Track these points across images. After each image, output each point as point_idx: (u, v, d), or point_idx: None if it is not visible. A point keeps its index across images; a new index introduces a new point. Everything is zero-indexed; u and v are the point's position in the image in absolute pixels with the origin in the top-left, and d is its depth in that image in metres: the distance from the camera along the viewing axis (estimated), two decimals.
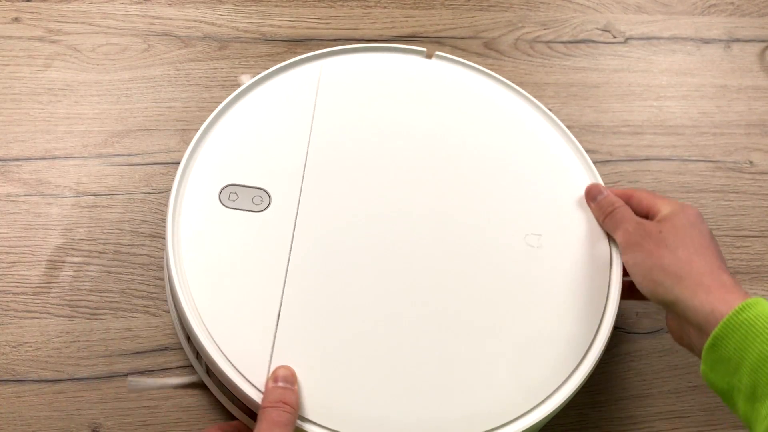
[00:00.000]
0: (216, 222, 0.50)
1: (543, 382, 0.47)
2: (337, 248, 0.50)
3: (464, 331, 0.48)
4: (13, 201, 0.58)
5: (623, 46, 0.75)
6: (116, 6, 0.69)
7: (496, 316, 0.49)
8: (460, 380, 0.47)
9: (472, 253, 0.51)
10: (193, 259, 0.48)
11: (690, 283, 0.44)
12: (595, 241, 0.53)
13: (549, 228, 0.53)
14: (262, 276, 0.48)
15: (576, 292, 0.51)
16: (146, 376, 0.52)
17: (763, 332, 0.39)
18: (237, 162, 0.52)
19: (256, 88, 0.56)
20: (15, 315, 0.53)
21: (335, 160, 0.54)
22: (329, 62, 0.58)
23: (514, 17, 0.74)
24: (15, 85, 0.63)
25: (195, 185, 0.51)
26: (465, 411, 0.46)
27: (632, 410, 0.55)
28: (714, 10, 0.79)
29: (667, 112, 0.71)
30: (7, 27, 0.66)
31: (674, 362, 0.57)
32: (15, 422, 0.49)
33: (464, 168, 0.55)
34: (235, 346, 0.45)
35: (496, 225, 0.53)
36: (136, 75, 0.65)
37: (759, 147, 0.70)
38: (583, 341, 0.49)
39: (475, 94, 0.59)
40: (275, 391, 0.43)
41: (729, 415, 0.56)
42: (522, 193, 0.54)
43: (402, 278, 0.49)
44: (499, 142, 0.57)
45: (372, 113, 0.56)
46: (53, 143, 0.61)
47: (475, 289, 0.50)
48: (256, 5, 0.71)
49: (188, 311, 0.46)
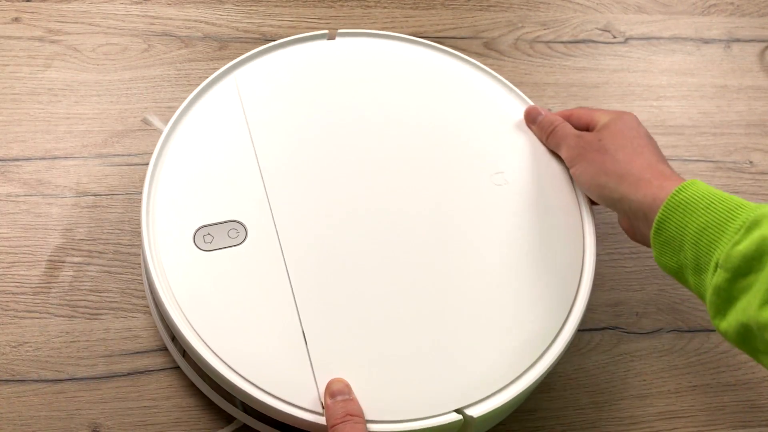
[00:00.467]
0: (202, 269, 0.47)
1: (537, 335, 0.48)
2: (329, 246, 0.49)
3: (461, 292, 0.49)
4: (13, 201, 0.58)
5: (623, 46, 0.75)
6: (116, 6, 0.69)
7: (486, 286, 0.50)
8: (466, 338, 0.48)
9: (449, 212, 0.52)
10: (195, 313, 0.46)
11: (632, 179, 0.47)
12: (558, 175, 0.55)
13: (513, 167, 0.55)
14: (271, 301, 0.47)
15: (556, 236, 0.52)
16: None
17: (698, 208, 0.42)
18: (196, 203, 0.50)
19: (183, 120, 0.54)
20: (15, 315, 0.53)
21: (290, 164, 0.53)
22: (241, 72, 0.57)
23: (514, 17, 0.74)
24: (15, 85, 0.63)
25: (166, 238, 0.48)
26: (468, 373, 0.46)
27: (632, 410, 0.55)
28: (714, 10, 0.79)
29: (667, 112, 0.71)
30: (7, 27, 0.66)
31: (674, 362, 0.57)
32: (15, 422, 0.49)
33: (414, 133, 0.56)
34: (278, 380, 0.44)
35: (463, 173, 0.54)
36: (136, 75, 0.65)
37: (759, 147, 0.70)
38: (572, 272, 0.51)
39: (392, 61, 0.60)
40: (337, 406, 0.42)
41: (729, 415, 0.56)
42: (480, 140, 0.56)
43: (394, 253, 0.50)
44: (434, 98, 0.58)
45: (302, 107, 0.56)
46: (53, 143, 0.61)
47: (460, 251, 0.51)
48: (256, 5, 0.71)
49: (220, 368, 0.44)
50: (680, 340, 0.58)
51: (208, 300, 0.47)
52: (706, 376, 0.57)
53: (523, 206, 0.53)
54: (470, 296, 0.49)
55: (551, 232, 0.52)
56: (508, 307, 0.49)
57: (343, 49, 0.60)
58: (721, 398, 0.56)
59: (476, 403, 0.45)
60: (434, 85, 0.59)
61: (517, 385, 0.46)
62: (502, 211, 0.53)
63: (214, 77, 0.56)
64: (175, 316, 0.46)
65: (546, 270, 0.51)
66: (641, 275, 0.61)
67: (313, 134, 0.55)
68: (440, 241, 0.51)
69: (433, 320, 0.48)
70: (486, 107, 0.58)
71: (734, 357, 0.58)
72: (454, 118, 0.57)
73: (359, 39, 0.61)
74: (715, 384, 0.57)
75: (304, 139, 0.54)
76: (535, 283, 0.50)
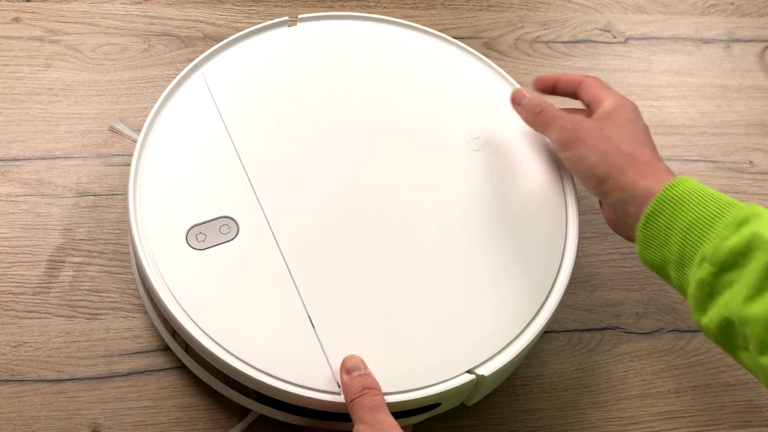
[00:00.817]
0: (199, 268, 0.48)
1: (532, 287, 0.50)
2: (321, 229, 0.50)
3: (453, 256, 0.51)
4: (13, 201, 0.58)
5: (623, 46, 0.75)
6: (116, 6, 0.69)
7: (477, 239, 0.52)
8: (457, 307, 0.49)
9: (432, 181, 0.54)
10: (199, 312, 0.46)
11: (633, 173, 0.46)
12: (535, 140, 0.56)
13: (488, 131, 0.56)
14: (273, 290, 0.47)
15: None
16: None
17: (689, 203, 0.42)
18: (183, 204, 0.50)
19: (157, 122, 0.53)
20: (15, 315, 0.53)
21: (269, 152, 0.53)
22: (208, 68, 0.57)
23: (514, 17, 0.74)
24: (15, 85, 0.63)
25: (159, 241, 0.48)
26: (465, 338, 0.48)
27: (632, 410, 0.55)
28: (714, 10, 0.79)
29: (667, 112, 0.71)
30: (7, 27, 0.66)
31: (674, 362, 0.57)
32: (15, 422, 0.49)
33: (388, 109, 0.56)
34: (292, 366, 0.45)
35: (441, 142, 0.56)
36: (136, 75, 0.65)
37: (759, 147, 0.70)
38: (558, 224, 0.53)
39: (357, 41, 0.60)
40: (354, 381, 0.44)
41: (729, 415, 0.56)
42: (453, 106, 0.57)
43: (385, 227, 0.51)
44: (403, 73, 0.59)
45: (273, 95, 0.56)
46: (53, 143, 0.61)
47: (447, 210, 0.52)
48: (256, 5, 0.71)
49: (234, 363, 0.44)
50: (680, 340, 0.58)
51: (209, 297, 0.47)
52: (706, 376, 0.57)
53: (506, 168, 0.55)
54: (465, 260, 0.50)
55: (535, 190, 0.54)
56: (502, 266, 0.50)
57: (306, 34, 0.60)
58: (721, 398, 0.56)
59: (486, 361, 0.47)
60: (402, 61, 0.60)
61: (522, 339, 0.48)
62: (485, 173, 0.54)
63: (181, 77, 0.56)
64: (180, 317, 0.46)
65: (534, 225, 0.53)
66: (641, 275, 0.61)
67: (288, 121, 0.55)
68: (428, 210, 0.52)
69: (431, 288, 0.49)
70: (455, 77, 0.59)
71: None
72: (426, 91, 0.58)
73: (322, 22, 0.61)
74: (715, 384, 0.57)
75: (280, 127, 0.54)
76: (526, 239, 0.52)
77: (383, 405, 0.43)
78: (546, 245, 0.52)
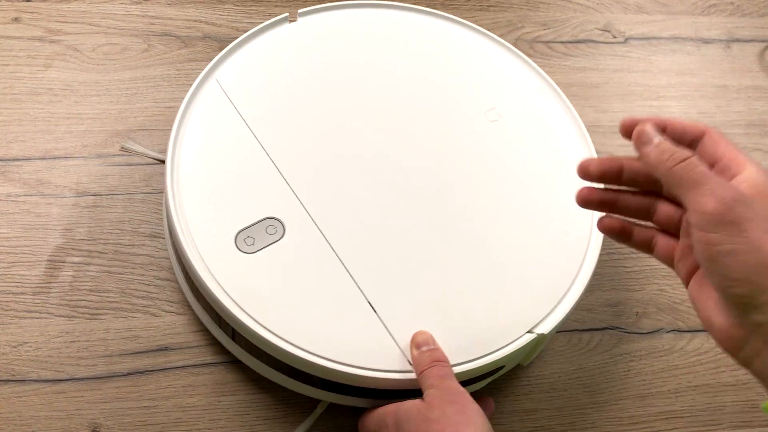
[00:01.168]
0: (253, 271, 0.48)
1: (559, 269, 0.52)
2: (362, 213, 0.51)
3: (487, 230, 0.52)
4: (13, 201, 0.58)
5: (623, 46, 0.75)
6: (116, 6, 0.69)
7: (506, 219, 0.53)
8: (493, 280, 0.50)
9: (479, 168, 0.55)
10: (263, 313, 0.47)
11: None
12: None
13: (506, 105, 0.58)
14: (329, 282, 0.48)
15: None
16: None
17: None
18: (225, 210, 0.50)
19: (182, 134, 0.54)
20: (15, 315, 0.53)
21: (297, 147, 0.54)
22: (221, 73, 0.57)
23: (514, 17, 0.74)
24: (15, 85, 0.63)
25: (210, 251, 0.49)
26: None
27: (632, 410, 0.55)
28: (714, 10, 0.79)
29: (667, 112, 0.71)
30: (7, 27, 0.66)
31: (674, 362, 0.57)
32: (15, 422, 0.49)
33: (406, 87, 0.58)
34: (362, 352, 0.46)
35: (464, 113, 0.58)
36: (136, 75, 0.65)
37: (759, 147, 0.70)
38: None
39: (357, 27, 0.61)
40: (424, 356, 0.45)
41: (729, 415, 0.56)
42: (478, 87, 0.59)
43: (428, 201, 0.53)
44: (411, 51, 0.60)
45: (289, 90, 0.57)
46: (53, 143, 0.61)
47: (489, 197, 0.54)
48: (256, 5, 0.71)
49: (309, 357, 0.45)
50: (680, 340, 0.58)
51: (270, 298, 0.48)
52: (706, 376, 0.57)
53: (537, 140, 0.57)
54: (509, 227, 0.52)
55: (561, 152, 0.57)
56: (544, 229, 0.53)
57: (308, 28, 0.61)
58: (721, 398, 0.56)
59: (543, 320, 0.49)
60: (405, 41, 0.61)
61: (571, 293, 0.50)
62: (516, 145, 0.56)
63: (196, 85, 0.56)
64: (247, 321, 0.46)
65: (568, 188, 0.53)
66: (641, 275, 0.61)
67: (308, 113, 0.56)
68: (466, 180, 0.54)
69: (481, 258, 0.51)
70: (466, 53, 0.61)
71: None
72: (441, 69, 0.60)
73: (321, 14, 0.62)
74: (715, 384, 0.57)
75: (301, 120, 0.55)
76: (561, 201, 0.54)
77: (452, 375, 0.45)
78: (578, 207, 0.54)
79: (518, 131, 0.57)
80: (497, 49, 0.62)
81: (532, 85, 0.60)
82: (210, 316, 0.51)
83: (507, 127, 0.57)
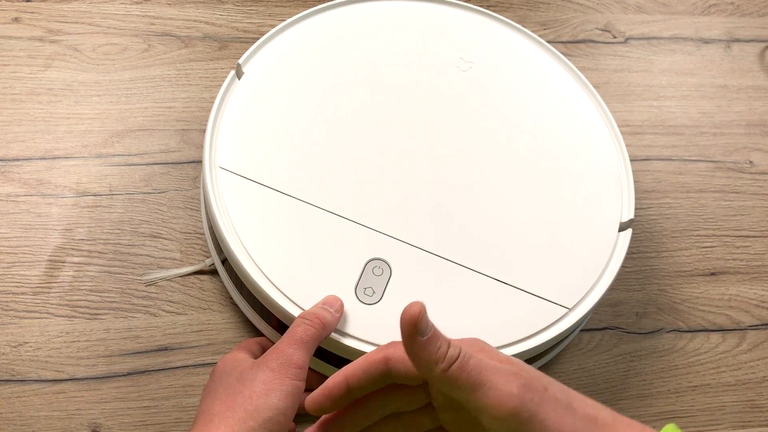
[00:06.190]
0: (366, 319, 0.48)
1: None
2: (429, 212, 0.52)
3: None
4: (13, 201, 0.58)
5: (623, 46, 0.75)
6: (116, 6, 0.69)
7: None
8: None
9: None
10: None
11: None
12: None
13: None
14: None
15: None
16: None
17: None
18: (316, 262, 0.49)
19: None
20: (15, 315, 0.53)
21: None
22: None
23: (514, 17, 0.74)
24: (15, 85, 0.63)
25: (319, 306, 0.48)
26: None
27: (632, 410, 0.55)
28: (714, 10, 0.79)
29: (667, 112, 0.71)
30: (7, 27, 0.66)
31: (674, 362, 0.57)
32: (15, 422, 0.49)
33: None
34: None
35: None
36: (136, 75, 0.65)
37: (759, 147, 0.70)
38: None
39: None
40: (314, 308, 0.46)
41: (729, 415, 0.56)
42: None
43: (476, 183, 0.54)
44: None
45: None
46: (53, 143, 0.61)
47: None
48: (256, 5, 0.71)
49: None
50: (680, 340, 0.58)
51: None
52: (706, 376, 0.57)
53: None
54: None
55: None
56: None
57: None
58: (721, 398, 0.56)
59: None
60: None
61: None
62: (549, 127, 0.58)
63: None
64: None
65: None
66: (641, 275, 0.61)
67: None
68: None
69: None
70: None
71: (734, 357, 0.58)
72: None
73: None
74: (715, 384, 0.57)
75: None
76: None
77: (310, 342, 0.44)
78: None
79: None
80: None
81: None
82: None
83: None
